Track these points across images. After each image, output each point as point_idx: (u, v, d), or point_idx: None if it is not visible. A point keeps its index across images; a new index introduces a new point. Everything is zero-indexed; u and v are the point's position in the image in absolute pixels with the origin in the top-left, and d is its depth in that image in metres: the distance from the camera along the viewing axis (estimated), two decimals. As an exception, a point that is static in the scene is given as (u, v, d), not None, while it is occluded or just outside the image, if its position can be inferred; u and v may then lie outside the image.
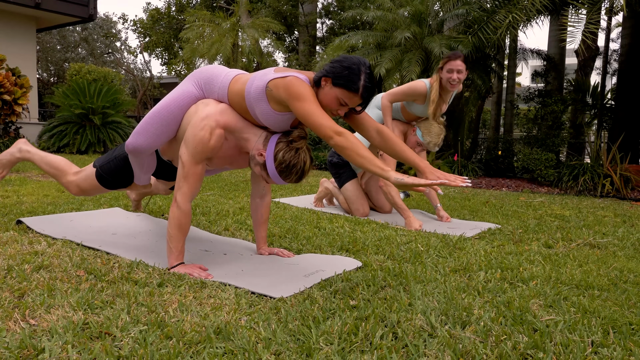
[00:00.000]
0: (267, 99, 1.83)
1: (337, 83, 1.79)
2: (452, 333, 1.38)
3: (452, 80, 3.18)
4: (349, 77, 1.77)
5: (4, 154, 2.47)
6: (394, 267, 2.07)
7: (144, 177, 2.29)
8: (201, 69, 2.08)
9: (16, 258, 1.89)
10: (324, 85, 1.82)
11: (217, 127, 1.88)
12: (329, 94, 1.81)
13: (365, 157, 1.71)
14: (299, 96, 1.75)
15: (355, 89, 1.77)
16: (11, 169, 2.57)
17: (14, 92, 8.10)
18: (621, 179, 5.96)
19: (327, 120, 1.74)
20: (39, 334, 1.25)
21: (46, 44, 19.15)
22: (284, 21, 13.37)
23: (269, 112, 1.85)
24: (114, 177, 2.30)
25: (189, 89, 2.02)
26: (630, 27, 7.29)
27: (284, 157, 1.84)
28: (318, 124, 1.74)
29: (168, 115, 2.01)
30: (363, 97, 1.80)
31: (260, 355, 1.19)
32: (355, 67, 1.78)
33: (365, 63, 1.81)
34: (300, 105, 1.75)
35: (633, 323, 1.51)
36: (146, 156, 2.17)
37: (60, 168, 2.39)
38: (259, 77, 1.87)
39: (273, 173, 1.88)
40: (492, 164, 7.78)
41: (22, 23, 9.93)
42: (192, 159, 1.88)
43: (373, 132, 1.95)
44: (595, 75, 11.03)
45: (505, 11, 6.34)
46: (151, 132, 2.04)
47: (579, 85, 8.33)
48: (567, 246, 2.71)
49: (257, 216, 2.26)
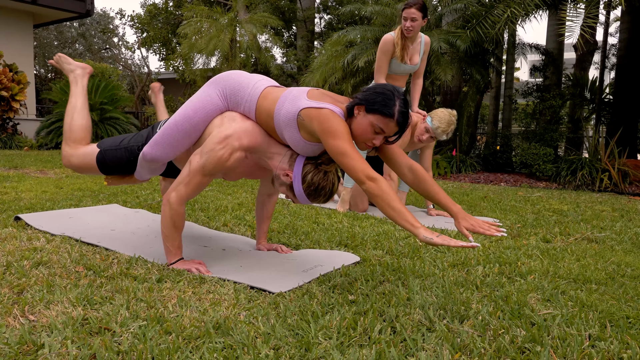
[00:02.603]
0: (298, 127, 1.74)
1: (371, 109, 1.70)
2: (450, 327, 1.38)
3: (406, 27, 3.31)
4: (384, 102, 1.69)
5: (70, 62, 2.29)
6: (393, 262, 2.07)
7: (147, 176, 2.19)
8: (226, 74, 1.95)
9: (15, 254, 1.89)
10: (357, 114, 1.73)
11: (239, 149, 1.79)
12: (362, 122, 1.71)
13: (396, 210, 1.59)
14: (334, 134, 1.66)
15: (391, 114, 1.68)
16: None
17: (11, 88, 8.07)
18: (619, 174, 5.97)
19: (360, 164, 1.65)
20: (39, 330, 1.26)
21: (43, 40, 19.08)
22: (282, 16, 13.33)
23: (299, 140, 1.76)
24: (116, 165, 2.15)
25: (213, 100, 1.90)
26: (629, 21, 7.28)
27: (313, 180, 1.76)
28: (351, 167, 1.65)
29: (190, 128, 1.90)
30: (399, 122, 1.70)
31: (259, 350, 1.20)
32: (389, 92, 1.71)
33: (399, 90, 1.74)
34: (334, 143, 1.66)
35: (630, 316, 1.52)
36: (161, 164, 2.09)
37: (75, 131, 2.18)
38: (291, 99, 1.77)
39: (300, 194, 1.79)
40: (490, 159, 7.79)
41: (19, 19, 9.89)
42: (202, 170, 1.80)
43: (405, 169, 1.83)
44: (593, 69, 11.02)
45: (503, 6, 6.33)
46: (171, 144, 1.94)
47: (577, 80, 8.34)
48: (565, 240, 2.72)
49: (261, 212, 2.25)
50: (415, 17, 3.29)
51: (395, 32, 3.39)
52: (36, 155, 6.87)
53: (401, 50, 3.38)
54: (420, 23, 3.33)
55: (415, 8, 3.28)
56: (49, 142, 8.34)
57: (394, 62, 3.44)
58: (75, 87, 2.27)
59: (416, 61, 3.49)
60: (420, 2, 3.29)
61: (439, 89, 9.17)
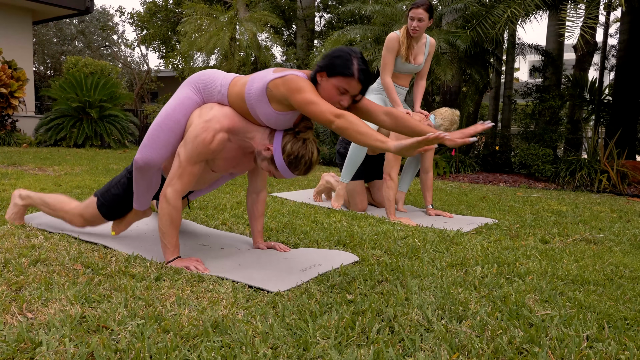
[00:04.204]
0: (269, 100, 1.83)
1: (332, 73, 1.81)
2: (448, 327, 1.38)
3: (412, 27, 3.35)
4: (343, 64, 1.80)
5: (10, 213, 2.40)
6: (391, 261, 2.07)
7: (145, 199, 2.19)
8: (197, 74, 2.06)
9: (13, 252, 1.88)
10: (320, 80, 1.84)
11: (220, 131, 1.87)
12: (327, 86, 1.82)
13: (364, 133, 1.71)
14: (299, 89, 1.77)
15: (351, 73, 1.80)
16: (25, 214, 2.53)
17: (10, 85, 8.06)
18: (618, 175, 5.98)
19: (327, 106, 1.75)
20: (36, 328, 1.25)
21: (43, 37, 19.03)
22: (282, 15, 13.31)
23: (271, 113, 1.85)
24: (116, 204, 2.21)
25: (189, 95, 2.00)
26: (629, 22, 7.28)
27: (292, 149, 1.85)
28: (319, 111, 1.75)
29: (174, 124, 1.98)
30: (361, 79, 1.81)
31: (258, 349, 1.20)
32: (346, 54, 1.83)
33: (355, 50, 1.85)
34: (300, 97, 1.76)
35: (628, 318, 1.52)
36: (154, 172, 2.08)
37: (61, 201, 2.31)
38: (259, 78, 1.87)
39: (281, 165, 1.87)
40: (489, 159, 7.79)
41: (19, 15, 9.87)
42: (189, 159, 1.87)
43: (382, 116, 1.94)
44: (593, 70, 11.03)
45: (504, 6, 6.33)
46: (159, 143, 1.99)
47: (576, 80, 8.33)
48: (564, 241, 2.72)
49: (253, 211, 2.27)
50: (422, 18, 3.32)
51: (401, 32, 3.41)
52: (35, 153, 6.86)
53: (406, 50, 3.41)
54: (426, 24, 3.37)
55: (422, 9, 3.31)
56: (48, 139, 8.32)
57: (398, 61, 3.46)
58: (31, 201, 2.39)
59: (420, 61, 3.52)
60: (427, 3, 3.33)
61: (438, 88, 9.17)
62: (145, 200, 2.19)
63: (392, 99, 3.45)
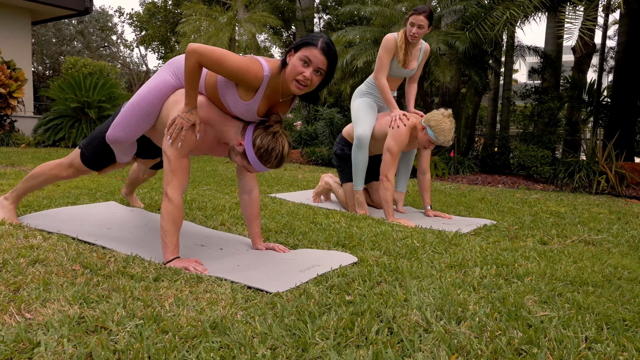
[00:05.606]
0: (236, 86, 1.89)
1: (297, 47, 1.88)
2: (447, 328, 1.38)
3: (412, 34, 3.34)
4: (308, 37, 1.89)
5: (0, 218, 2.41)
6: (390, 262, 2.07)
7: (126, 156, 2.34)
8: (177, 57, 2.10)
9: (11, 252, 1.88)
10: (289, 59, 1.89)
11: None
12: (293, 61, 1.87)
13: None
14: (223, 56, 1.81)
15: (314, 43, 1.85)
16: (17, 214, 2.55)
17: (8, 85, 8.05)
18: (616, 176, 5.99)
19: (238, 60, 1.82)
20: (35, 328, 1.25)
21: (41, 37, 19.02)
22: (281, 16, 13.32)
23: (239, 102, 1.91)
24: (98, 157, 2.32)
25: (166, 78, 2.04)
26: (627, 24, 7.30)
27: (262, 142, 1.90)
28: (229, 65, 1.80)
29: (147, 106, 2.04)
30: (324, 50, 1.84)
31: (256, 349, 1.20)
32: (311, 34, 1.92)
33: (323, 35, 1.93)
34: (218, 61, 1.80)
35: (627, 319, 1.52)
36: (127, 145, 2.22)
37: (43, 166, 2.39)
38: None
39: (253, 159, 1.92)
40: (488, 161, 7.80)
41: (17, 15, 9.86)
42: (177, 153, 1.92)
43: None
44: (591, 72, 11.06)
45: (503, 7, 6.34)
46: (130, 125, 2.07)
47: (575, 82, 8.35)
48: (562, 243, 2.73)
49: (247, 212, 2.26)
50: (422, 25, 3.30)
51: (399, 35, 3.40)
52: (33, 153, 6.85)
53: (404, 55, 3.41)
54: (425, 31, 3.35)
55: (424, 15, 3.29)
56: (46, 139, 8.31)
57: (394, 64, 3.45)
58: (16, 193, 2.43)
59: (413, 66, 3.50)
60: (428, 10, 3.31)
61: (437, 90, 9.18)
62: (126, 157, 2.32)
63: (387, 100, 3.43)
